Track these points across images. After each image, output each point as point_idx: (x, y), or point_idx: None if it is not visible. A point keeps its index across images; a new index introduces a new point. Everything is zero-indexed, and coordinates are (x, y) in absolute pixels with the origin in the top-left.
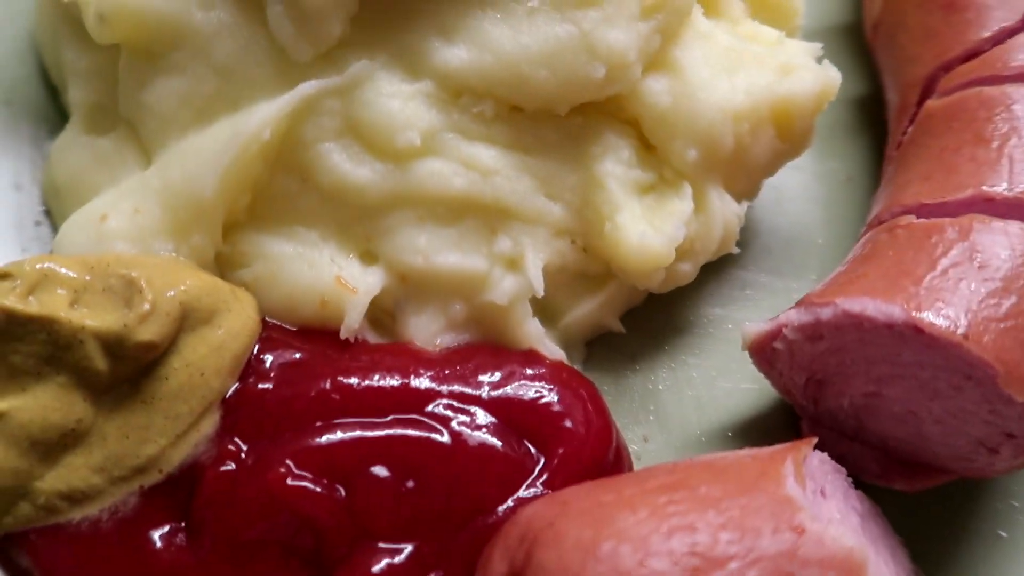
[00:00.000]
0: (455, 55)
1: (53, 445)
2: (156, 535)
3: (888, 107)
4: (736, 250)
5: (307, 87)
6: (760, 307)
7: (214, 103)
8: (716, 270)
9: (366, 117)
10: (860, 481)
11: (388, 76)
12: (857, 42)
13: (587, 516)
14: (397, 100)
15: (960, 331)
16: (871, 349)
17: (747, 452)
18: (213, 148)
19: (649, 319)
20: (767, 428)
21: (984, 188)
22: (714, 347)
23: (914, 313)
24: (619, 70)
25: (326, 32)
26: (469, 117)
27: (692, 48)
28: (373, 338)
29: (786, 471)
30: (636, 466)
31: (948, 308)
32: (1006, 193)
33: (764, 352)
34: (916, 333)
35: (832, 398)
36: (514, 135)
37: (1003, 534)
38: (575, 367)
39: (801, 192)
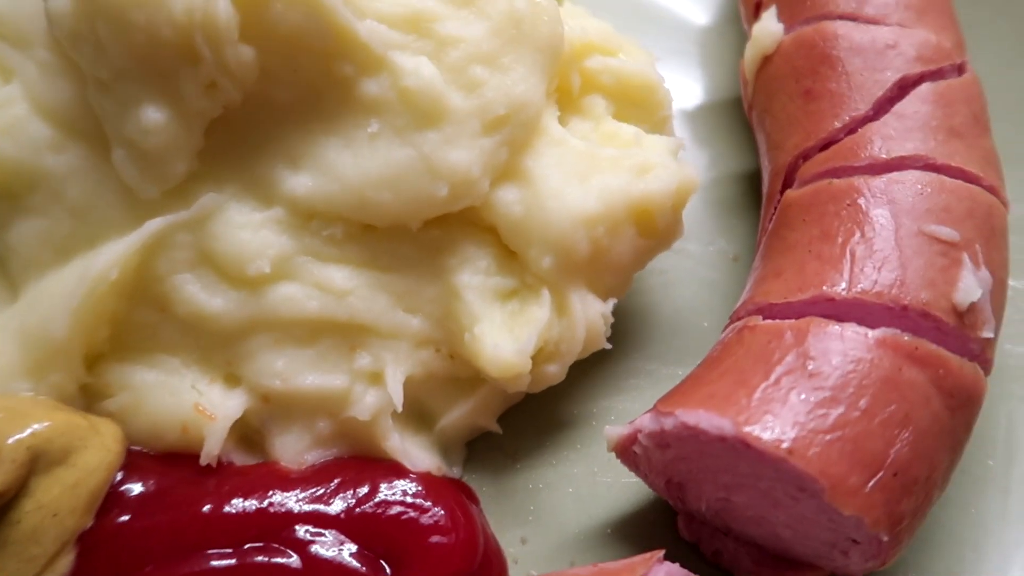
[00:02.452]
0: (301, 183)
1: None
2: None
3: (763, 190)
4: (608, 346)
5: (154, 224)
6: (644, 396)
7: (71, 242)
8: (600, 361)
9: (217, 248)
10: None
11: (238, 206)
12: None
13: None
14: (247, 230)
15: (785, 445)
16: (712, 460)
17: (594, 570)
18: (64, 288)
19: (530, 416)
20: (646, 523)
21: (825, 288)
22: (596, 441)
23: (743, 427)
24: (463, 186)
25: (170, 170)
26: (320, 240)
27: (544, 156)
28: (241, 458)
29: None
30: (512, 569)
31: (776, 421)
32: (844, 294)
33: (627, 455)
34: (745, 447)
35: (692, 499)
36: (368, 254)
37: None
38: (454, 470)
39: (687, 275)
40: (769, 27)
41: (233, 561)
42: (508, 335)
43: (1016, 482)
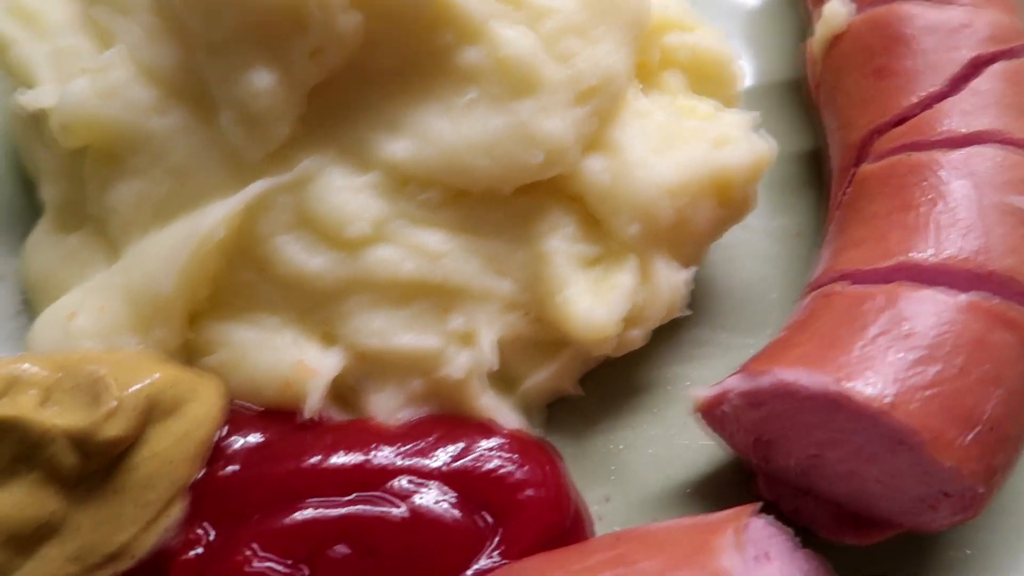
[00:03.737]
0: (400, 148)
1: (29, 538)
2: None
3: (832, 166)
4: (687, 312)
5: (258, 186)
6: (717, 364)
7: (172, 203)
8: (673, 330)
9: (317, 210)
10: (815, 536)
11: (337, 170)
12: (807, 97)
13: None
14: (346, 192)
15: (887, 400)
16: (808, 416)
17: (690, 521)
18: (170, 247)
19: (608, 380)
20: (725, 483)
21: (911, 255)
22: (672, 405)
23: (843, 383)
24: (557, 155)
25: (275, 133)
26: (416, 204)
27: (629, 127)
28: (336, 415)
29: (723, 543)
30: (598, 526)
31: (876, 377)
32: (931, 260)
33: (712, 416)
34: (846, 402)
35: (780, 458)
36: (461, 218)
37: None
38: (535, 432)
39: (752, 250)
40: (840, 8)
41: (340, 510)
42: (596, 300)
43: None
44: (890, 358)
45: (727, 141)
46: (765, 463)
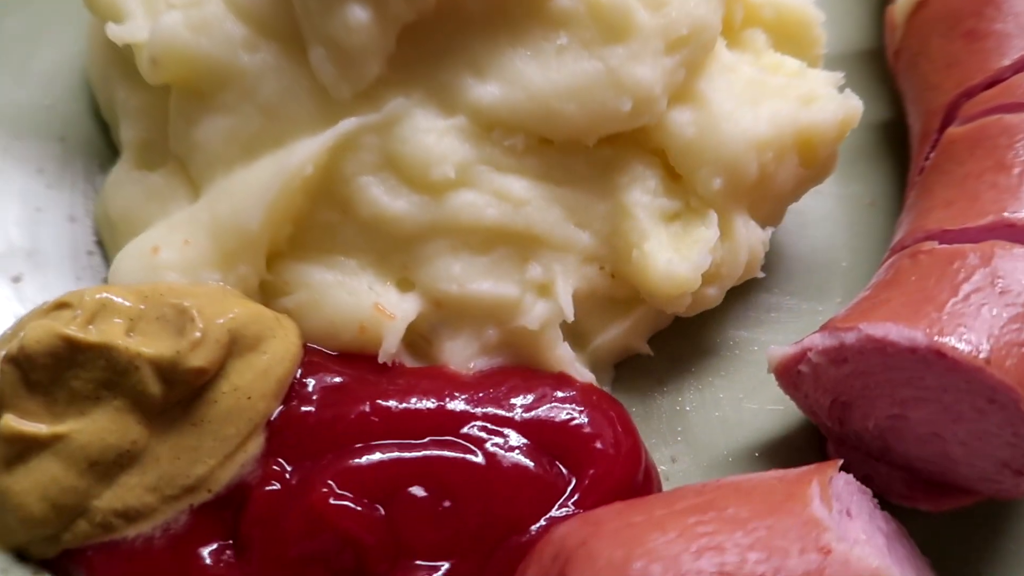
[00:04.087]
0: (487, 92)
1: (110, 465)
2: (206, 552)
3: (911, 133)
4: (761, 274)
5: (347, 124)
6: (785, 329)
7: (259, 140)
8: (742, 293)
9: (403, 152)
10: (886, 501)
11: (423, 112)
12: (880, 67)
13: (618, 536)
14: (432, 135)
15: (982, 355)
16: (895, 373)
17: (773, 474)
18: (258, 183)
19: (676, 342)
20: (793, 448)
21: (1005, 214)
22: (740, 369)
23: (936, 338)
24: (645, 103)
25: (365, 72)
26: (501, 150)
27: (716, 80)
28: (410, 362)
29: (812, 492)
30: (665, 486)
31: (970, 333)
32: None
33: (789, 375)
34: (938, 357)
35: (857, 420)
36: (544, 167)
37: None
38: (604, 389)
39: (825, 216)
40: None
41: (417, 453)
42: (676, 254)
43: None
44: (984, 315)
45: (814, 99)
46: (840, 426)
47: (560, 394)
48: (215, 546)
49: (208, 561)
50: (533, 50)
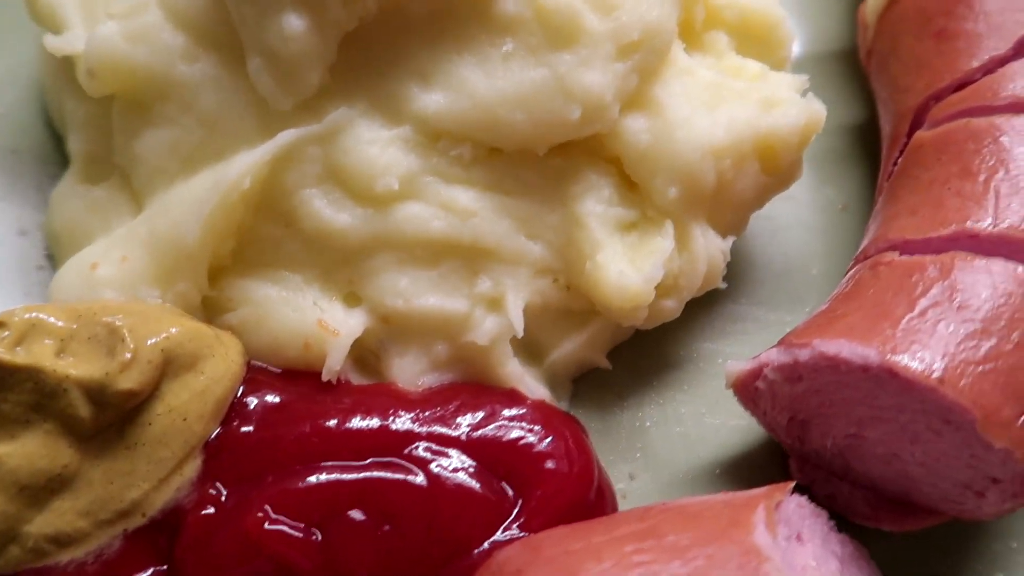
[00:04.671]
0: (432, 100)
1: (41, 490)
2: None
3: (882, 135)
4: (723, 285)
5: (287, 135)
6: (752, 341)
7: (200, 153)
8: (707, 304)
9: (346, 163)
10: (848, 522)
11: (367, 122)
12: (855, 67)
13: (554, 564)
14: (376, 146)
15: (936, 375)
16: (849, 391)
17: (722, 497)
18: (196, 196)
19: (638, 355)
20: (755, 466)
21: (968, 224)
22: (704, 382)
23: (889, 356)
24: (595, 111)
25: (305, 82)
26: (448, 160)
27: (672, 85)
28: (357, 379)
29: (756, 519)
30: (622, 504)
31: (924, 351)
32: (990, 229)
33: (747, 391)
34: (891, 376)
35: (816, 438)
36: (493, 177)
37: None
38: (561, 404)
39: (795, 222)
40: None
41: (358, 475)
42: (630, 266)
43: None
44: (940, 331)
45: (776, 103)
46: (800, 444)
47: (509, 412)
48: (149, 572)
49: None
50: (479, 57)
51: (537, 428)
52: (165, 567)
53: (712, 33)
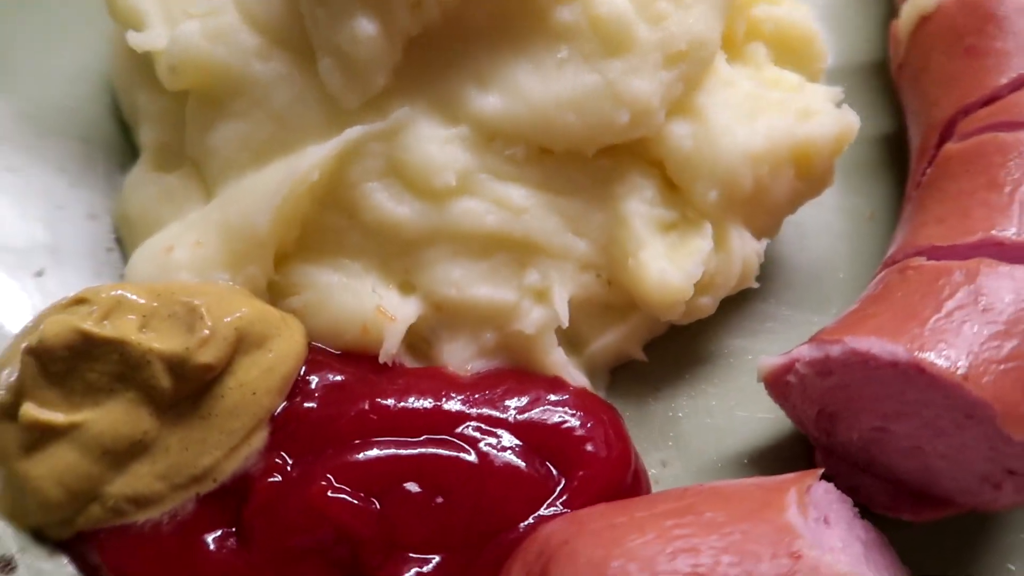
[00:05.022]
0: (489, 102)
1: (122, 454)
2: (210, 538)
3: (911, 147)
4: (756, 285)
5: (353, 132)
6: (780, 340)
7: (270, 146)
8: (738, 303)
9: (407, 159)
10: (869, 511)
11: (427, 122)
12: (885, 80)
13: (600, 536)
14: (435, 144)
15: (960, 372)
16: (877, 386)
17: (754, 481)
18: (267, 187)
19: (672, 349)
20: (782, 457)
21: (994, 232)
22: (734, 377)
23: (917, 353)
24: (643, 116)
25: (371, 82)
26: (501, 159)
27: (714, 94)
28: (410, 362)
29: (789, 500)
30: (654, 489)
31: (950, 349)
32: (1014, 238)
33: (778, 385)
34: (918, 372)
35: (842, 431)
36: (544, 176)
37: (1012, 567)
38: (598, 393)
39: (824, 228)
40: None
41: (413, 450)
42: (671, 264)
43: None
44: (965, 331)
45: (812, 113)
46: (827, 437)
47: (553, 397)
48: (219, 533)
49: (212, 547)
50: (535, 62)
51: (579, 413)
52: (234, 529)
53: (752, 45)
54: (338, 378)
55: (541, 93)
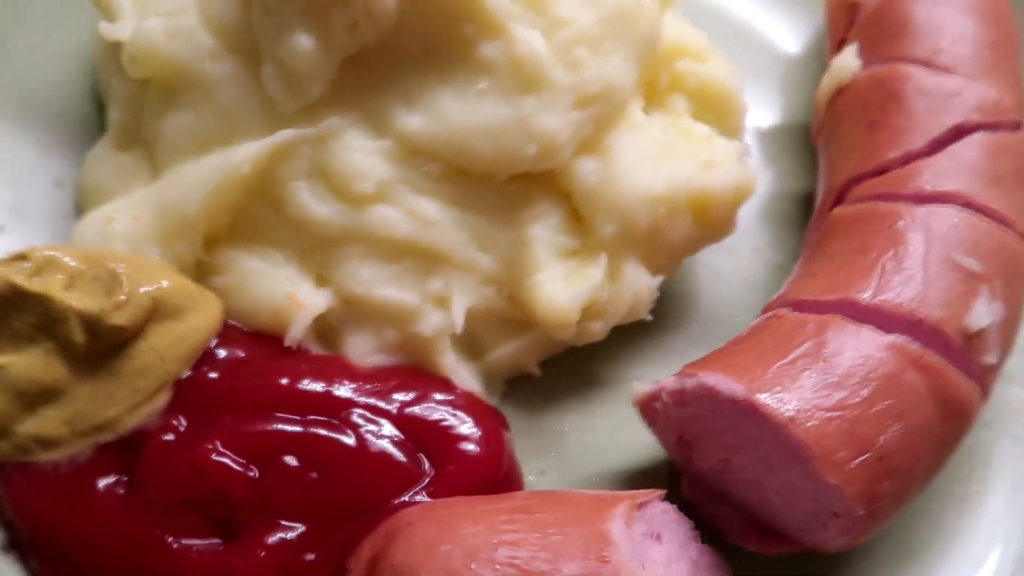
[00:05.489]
0: (413, 121)
1: (34, 397)
2: (102, 483)
3: (815, 205)
4: (649, 317)
5: (286, 134)
6: (673, 370)
7: (212, 138)
8: (639, 334)
9: (332, 164)
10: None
11: (355, 132)
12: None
13: (439, 522)
14: (360, 153)
15: (788, 414)
16: (722, 420)
17: (598, 492)
18: (203, 174)
19: (568, 369)
20: (653, 480)
21: (851, 293)
22: (622, 402)
23: (754, 393)
24: (550, 150)
25: (307, 91)
26: (419, 174)
27: (624, 137)
28: (316, 349)
29: (616, 511)
30: None
31: (784, 393)
32: (868, 300)
33: (648, 410)
34: (752, 410)
35: (697, 459)
36: (457, 194)
37: None
38: (492, 400)
39: (734, 274)
40: (848, 61)
41: (299, 428)
42: (563, 287)
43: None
44: (803, 379)
45: (714, 164)
46: (688, 464)
47: (439, 396)
48: (111, 479)
49: (102, 490)
50: (457, 90)
51: (459, 414)
52: (125, 478)
53: (674, 96)
54: (244, 354)
55: (460, 118)
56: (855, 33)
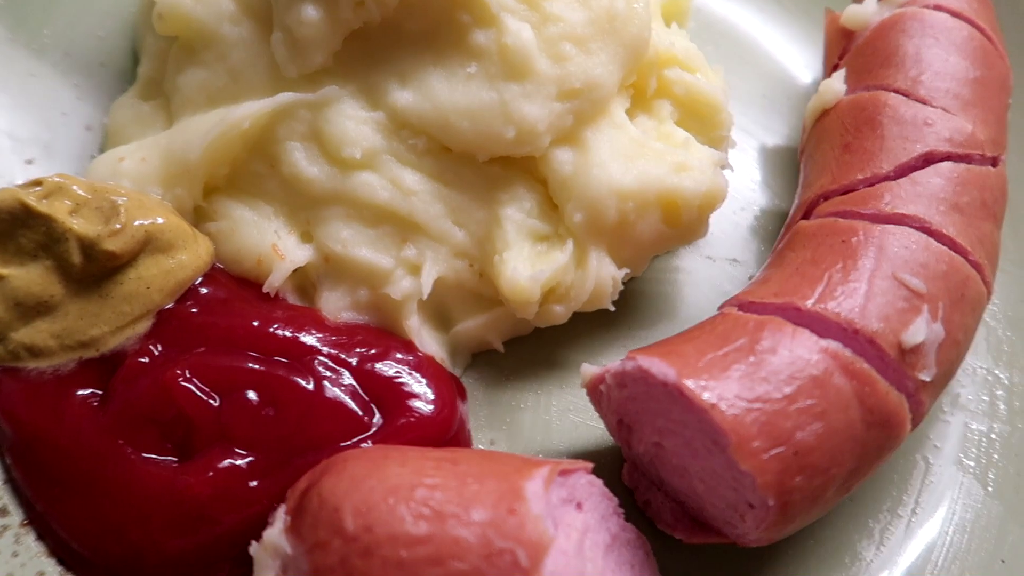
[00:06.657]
0: (404, 97)
1: (30, 309)
2: (79, 393)
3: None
4: (611, 307)
5: (286, 96)
6: None
7: (221, 94)
8: (604, 324)
9: (325, 129)
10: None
11: (351, 102)
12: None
13: (370, 461)
14: (352, 121)
15: (710, 400)
16: (654, 403)
17: (528, 457)
18: (207, 127)
19: (532, 350)
20: (597, 464)
21: (795, 299)
22: (578, 387)
23: (682, 379)
24: (527, 136)
25: (310, 59)
26: (405, 147)
27: (602, 133)
28: (293, 300)
29: (537, 473)
30: None
31: (712, 381)
32: (809, 307)
33: (595, 392)
34: (680, 395)
35: (635, 443)
36: (438, 168)
37: None
38: (456, 370)
39: (706, 280)
40: (834, 85)
41: (263, 367)
42: (528, 266)
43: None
44: (731, 370)
45: (687, 168)
46: (628, 448)
47: (399, 356)
48: (87, 392)
49: (77, 401)
50: (448, 72)
51: (416, 374)
52: (100, 392)
53: (660, 101)
54: (225, 296)
55: (447, 98)
56: (847, 60)
